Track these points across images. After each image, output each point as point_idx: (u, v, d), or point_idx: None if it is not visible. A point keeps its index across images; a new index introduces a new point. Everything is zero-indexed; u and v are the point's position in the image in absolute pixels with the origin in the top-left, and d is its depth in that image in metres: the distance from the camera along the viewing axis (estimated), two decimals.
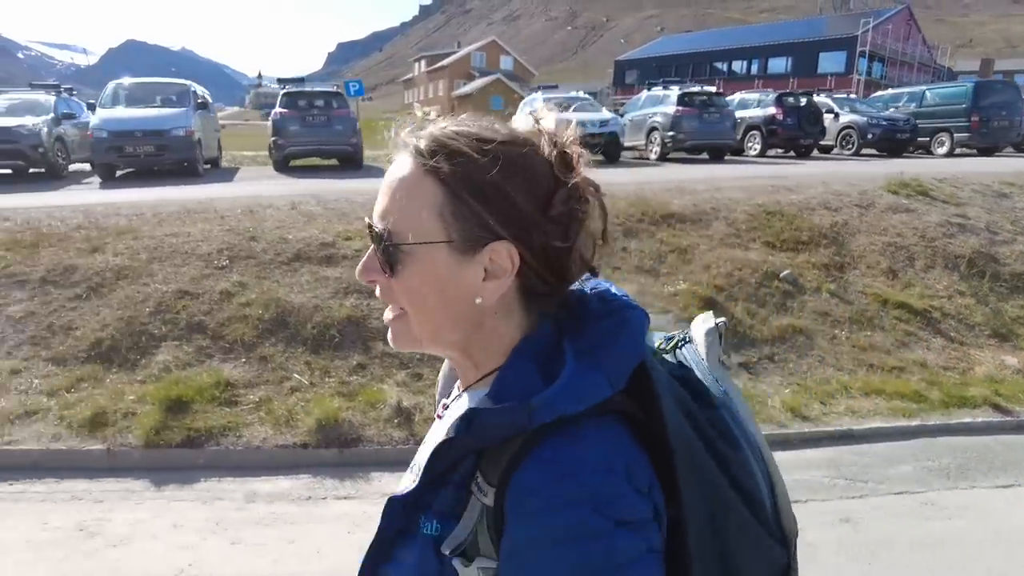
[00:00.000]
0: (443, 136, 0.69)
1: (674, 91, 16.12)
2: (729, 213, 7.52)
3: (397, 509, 0.73)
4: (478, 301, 0.69)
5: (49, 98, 13.47)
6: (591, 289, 0.74)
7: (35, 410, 3.93)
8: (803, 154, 17.24)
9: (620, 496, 0.61)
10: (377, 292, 0.73)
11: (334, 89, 14.36)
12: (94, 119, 11.93)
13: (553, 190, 0.68)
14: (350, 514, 3.38)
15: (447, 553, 0.66)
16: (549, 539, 0.60)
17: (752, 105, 17.49)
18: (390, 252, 0.68)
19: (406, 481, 0.77)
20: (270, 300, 4.91)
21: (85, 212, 6.38)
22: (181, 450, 3.76)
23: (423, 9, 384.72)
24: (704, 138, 15.50)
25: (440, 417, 0.81)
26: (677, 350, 0.80)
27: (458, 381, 0.81)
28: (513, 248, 0.67)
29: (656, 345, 0.80)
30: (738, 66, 52.51)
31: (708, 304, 5.75)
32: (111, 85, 13.34)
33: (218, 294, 4.96)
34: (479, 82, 51.06)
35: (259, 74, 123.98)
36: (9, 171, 12.15)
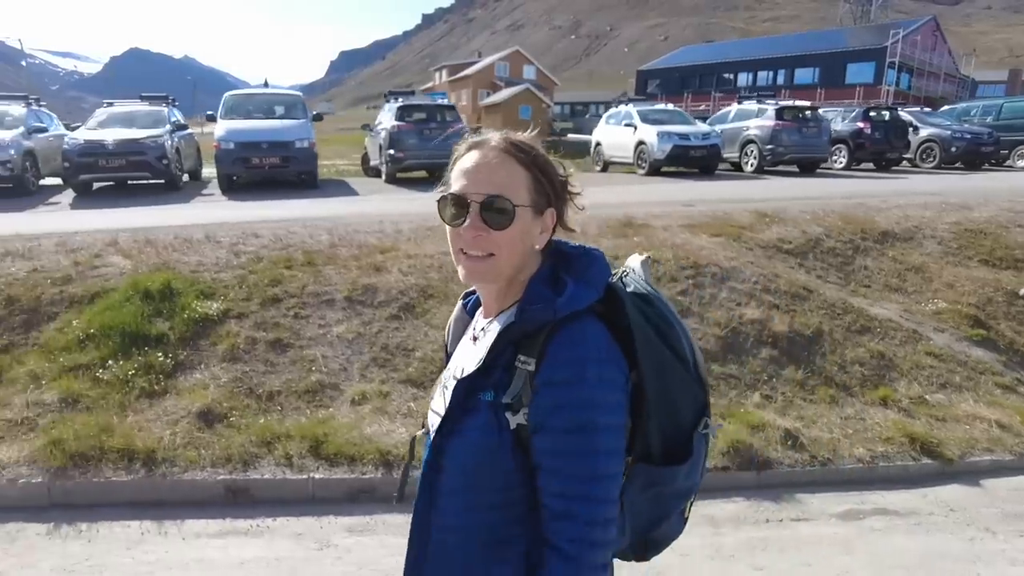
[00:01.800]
0: (517, 140, 1.10)
1: (770, 105, 16.20)
2: (931, 231, 7.53)
3: (460, 390, 1.08)
4: (536, 247, 1.11)
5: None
6: (562, 241, 1.16)
7: None
8: (885, 167, 17.34)
9: (609, 361, 1.02)
10: (466, 245, 1.07)
11: (447, 102, 14.37)
12: (218, 130, 11.92)
13: (564, 180, 1.13)
14: None
15: (506, 402, 1.03)
16: (560, 381, 0.99)
17: (837, 119, 17.54)
18: (506, 213, 1.04)
19: (437, 398, 1.20)
20: None
21: (328, 230, 6.37)
22: None
23: (425, 18, 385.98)
24: (802, 152, 15.57)
25: (475, 338, 1.19)
26: (623, 278, 1.18)
27: (477, 315, 1.23)
28: (554, 211, 1.11)
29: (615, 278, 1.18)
30: (764, 77, 52.55)
31: (976, 323, 5.77)
32: (228, 96, 13.32)
33: None
34: (507, 92, 51.20)
35: (265, 82, 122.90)
36: None
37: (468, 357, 1.16)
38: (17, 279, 4.97)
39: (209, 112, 12.80)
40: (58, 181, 13.28)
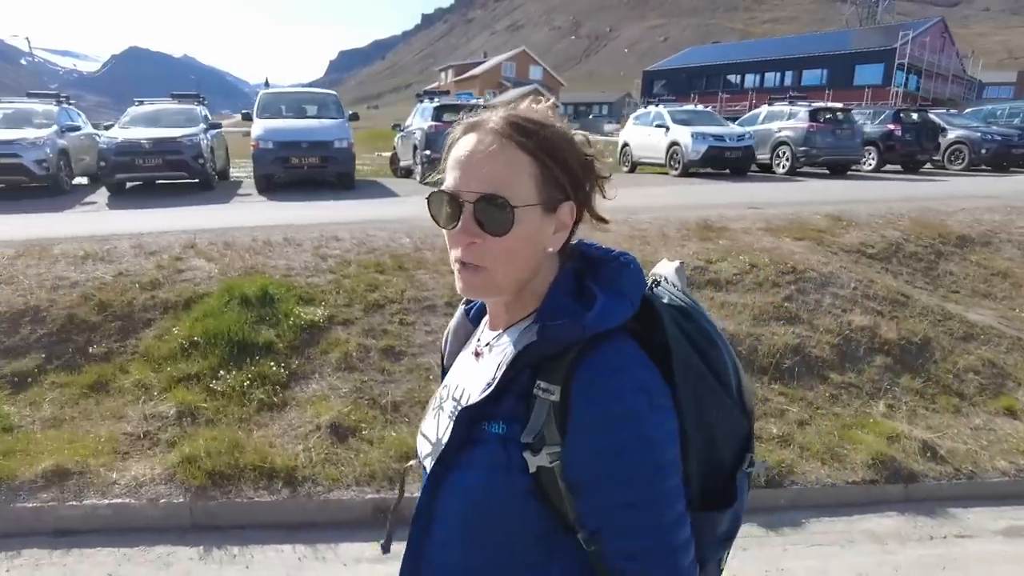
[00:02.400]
0: (522, 119, 0.86)
1: (803, 107, 16.09)
2: (1007, 235, 7.40)
3: (463, 419, 0.88)
4: (550, 250, 0.89)
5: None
6: (585, 243, 0.96)
7: None
8: (912, 169, 17.23)
9: (657, 387, 0.84)
10: (459, 253, 0.87)
11: (482, 102, 14.19)
12: (256, 129, 11.73)
13: (585, 161, 0.90)
14: None
15: (526, 442, 0.82)
16: (607, 419, 0.80)
17: (866, 121, 17.42)
18: (503, 215, 0.83)
19: (429, 420, 1.00)
20: None
21: (407, 232, 6.20)
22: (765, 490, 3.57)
23: (425, 18, 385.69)
24: (835, 153, 15.46)
25: (479, 353, 0.98)
26: (654, 288, 1.00)
27: (482, 326, 1.02)
28: (573, 205, 0.89)
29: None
30: (771, 78, 52.48)
31: None
32: (264, 95, 13.14)
33: None
34: (515, 92, 50.92)
35: (266, 81, 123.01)
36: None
37: (470, 376, 0.97)
38: (105, 283, 4.78)
39: (245, 111, 12.59)
40: (84, 180, 13.14)
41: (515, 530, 0.85)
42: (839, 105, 17.14)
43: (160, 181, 12.06)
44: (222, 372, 3.95)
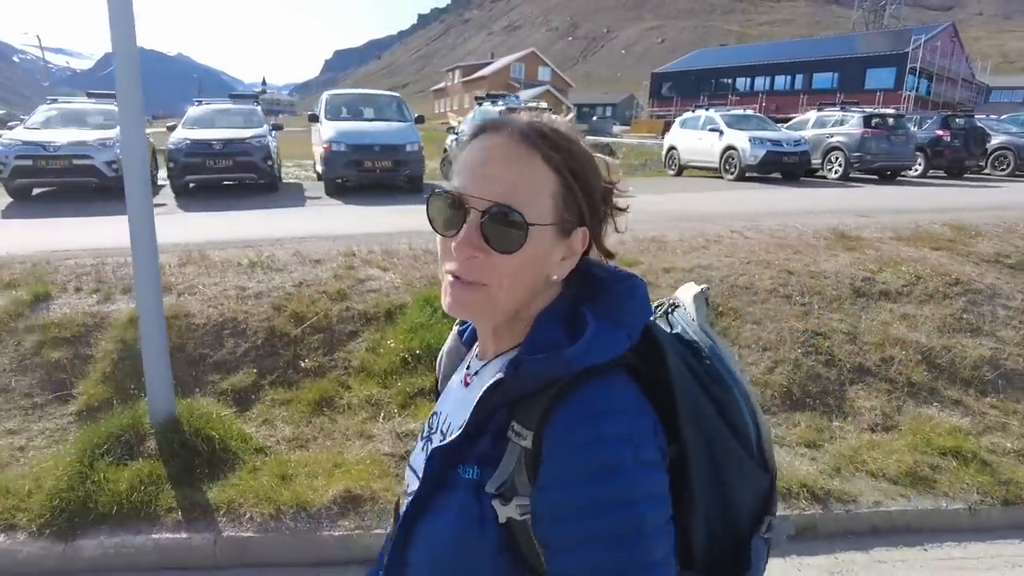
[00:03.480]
0: (549, 129, 0.78)
1: (857, 112, 16.14)
2: None
3: (437, 460, 0.80)
4: (554, 278, 0.80)
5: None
6: (591, 263, 0.84)
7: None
8: (957, 175, 17.29)
9: (646, 437, 0.72)
10: (454, 266, 0.77)
11: (548, 106, 14.11)
12: (328, 131, 11.60)
13: (606, 189, 0.82)
14: None
15: (492, 491, 0.74)
16: (583, 472, 0.69)
17: (912, 126, 17.47)
18: (515, 232, 0.74)
19: (417, 452, 0.91)
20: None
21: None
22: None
23: (421, 18, 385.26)
24: (889, 159, 15.51)
25: (468, 383, 0.89)
26: (668, 315, 0.91)
27: (471, 353, 0.93)
28: (587, 233, 0.81)
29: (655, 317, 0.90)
30: (781, 81, 52.68)
31: None
32: (330, 96, 12.98)
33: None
34: (527, 93, 50.96)
35: (263, 80, 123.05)
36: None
37: (456, 407, 0.87)
38: (289, 294, 4.68)
39: (311, 112, 12.46)
40: None
41: None
42: (892, 111, 17.16)
43: (226, 183, 11.95)
44: None
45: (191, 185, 11.75)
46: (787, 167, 14.99)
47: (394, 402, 3.79)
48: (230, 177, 11.52)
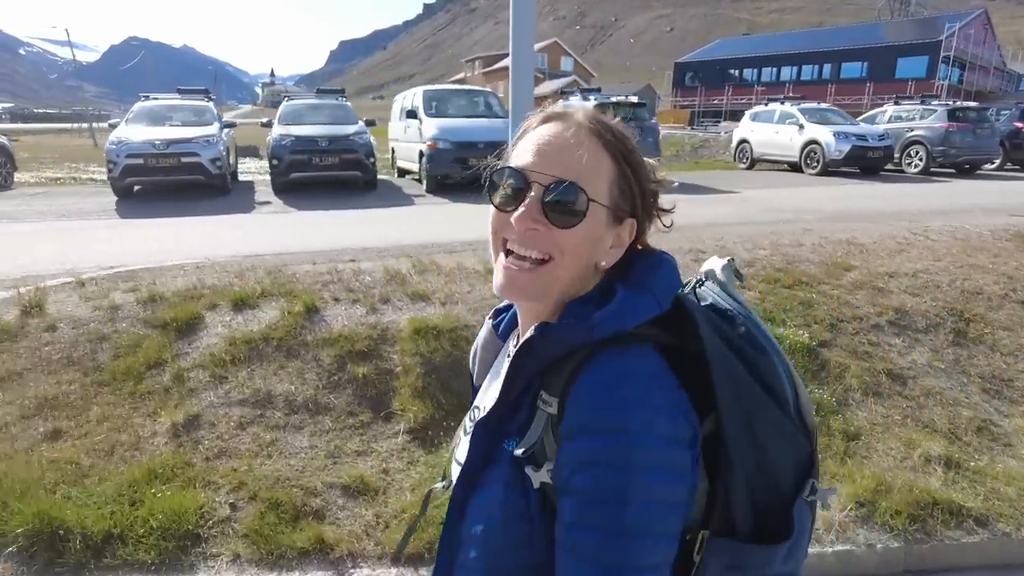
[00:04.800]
0: (608, 121, 0.83)
1: (940, 106, 15.94)
2: None
3: (478, 436, 0.83)
4: (602, 264, 0.83)
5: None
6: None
7: None
8: None
9: (666, 413, 0.72)
10: (515, 241, 0.81)
11: (637, 100, 13.96)
12: (431, 128, 11.47)
13: (655, 189, 0.86)
14: None
15: (520, 455, 0.76)
16: (592, 429, 0.71)
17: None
18: (576, 206, 0.78)
19: (461, 444, 0.93)
20: None
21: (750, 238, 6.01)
22: None
23: (427, 8, 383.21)
24: (975, 153, 15.34)
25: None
26: (697, 289, 0.91)
27: (508, 346, 0.97)
28: (635, 225, 0.84)
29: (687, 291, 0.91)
30: (808, 70, 52.23)
31: None
32: (427, 91, 12.82)
33: None
34: (554, 83, 50.63)
35: (271, 71, 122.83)
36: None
37: (493, 395, 0.89)
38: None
39: (411, 109, 12.32)
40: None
41: (534, 553, 0.77)
42: (975, 104, 16.93)
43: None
44: None
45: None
46: (871, 162, 14.83)
47: None
48: (333, 175, 11.41)
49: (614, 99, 13.70)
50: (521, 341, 0.81)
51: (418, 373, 3.76)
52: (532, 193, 0.79)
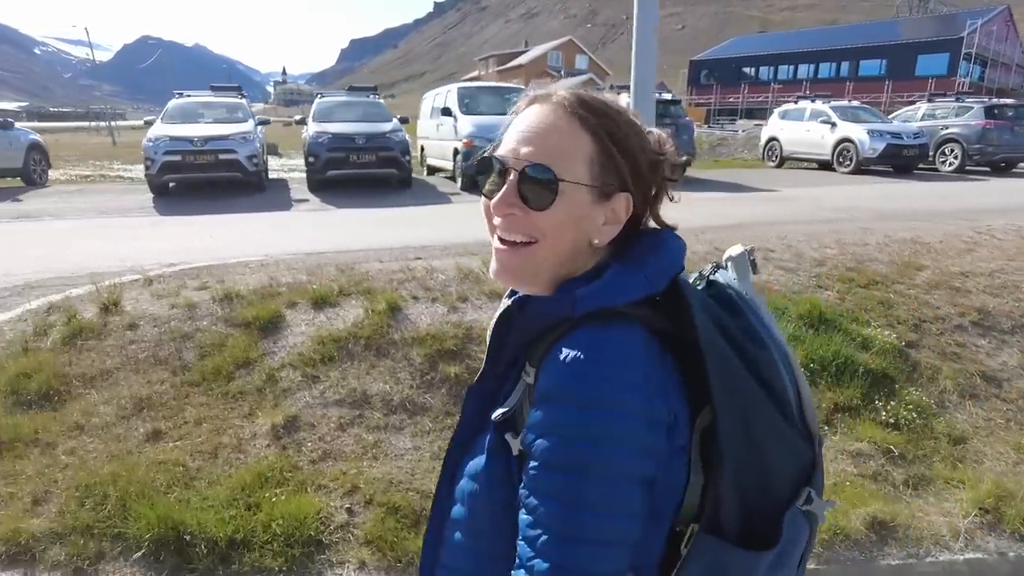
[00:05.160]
0: (590, 98, 0.81)
1: (976, 103, 15.72)
2: None
3: (471, 400, 0.88)
4: (596, 242, 0.81)
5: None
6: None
7: None
8: None
9: (629, 385, 0.70)
10: (499, 227, 0.81)
11: (673, 96, 13.83)
12: (466, 126, 11.39)
13: (656, 159, 0.83)
14: None
15: (495, 418, 0.79)
16: (562, 394, 0.71)
17: None
18: (547, 188, 0.77)
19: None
20: None
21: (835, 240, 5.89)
22: None
23: (437, 6, 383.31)
24: (1013, 151, 15.12)
25: None
26: (711, 276, 0.88)
27: None
28: (631, 199, 0.82)
29: (692, 279, 0.88)
30: (826, 68, 51.80)
31: None
32: (454, 89, 12.75)
33: None
34: (570, 81, 50.45)
35: (283, 70, 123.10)
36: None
37: None
38: None
39: (445, 106, 12.24)
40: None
41: (511, 522, 0.76)
42: (1012, 102, 16.68)
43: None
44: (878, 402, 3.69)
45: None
46: (905, 160, 14.65)
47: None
48: (369, 173, 11.35)
49: (665, 96, 13.53)
50: (498, 312, 0.83)
51: None
52: (509, 178, 0.80)
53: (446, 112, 12.09)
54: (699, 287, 0.88)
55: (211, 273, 4.91)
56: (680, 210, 0.90)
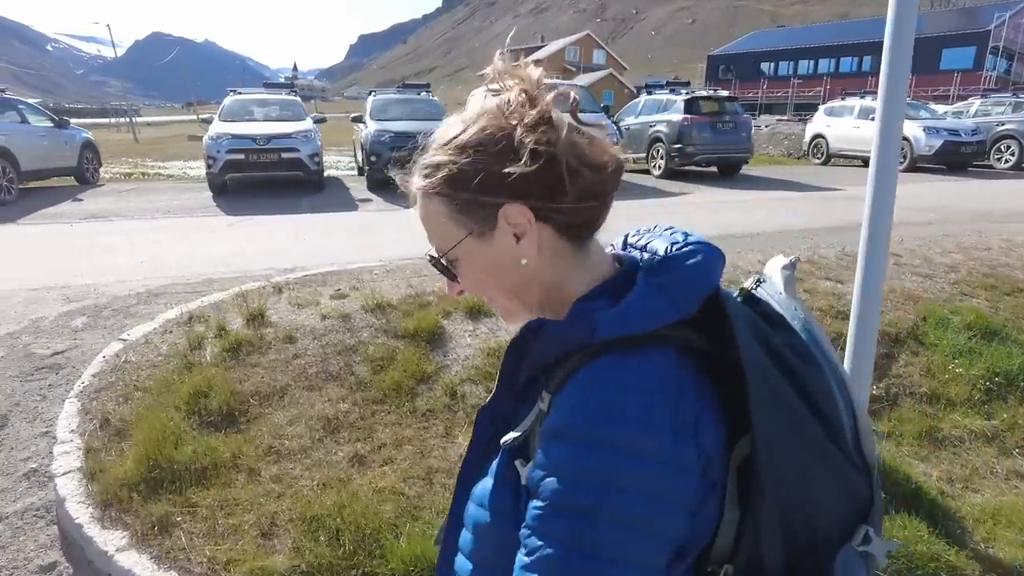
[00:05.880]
0: (424, 163, 0.76)
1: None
2: None
3: (483, 421, 0.83)
4: (523, 262, 0.74)
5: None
6: (669, 235, 0.76)
7: None
8: None
9: (653, 425, 0.63)
10: (465, 294, 0.83)
11: (729, 94, 13.61)
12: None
13: (536, 150, 0.70)
14: None
15: (504, 443, 0.73)
16: (567, 435, 0.65)
17: None
18: (445, 267, 0.79)
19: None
20: None
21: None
22: None
23: (446, 1, 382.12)
24: None
25: None
26: (754, 290, 0.82)
27: None
28: (517, 205, 0.72)
29: (735, 293, 0.81)
30: (847, 63, 51.28)
31: None
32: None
33: None
34: (589, 77, 50.12)
35: (294, 66, 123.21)
36: None
37: None
38: None
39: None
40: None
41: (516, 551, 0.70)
42: None
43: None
44: None
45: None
46: (962, 157, 14.40)
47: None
48: None
49: (705, 93, 13.32)
50: (515, 336, 0.80)
51: None
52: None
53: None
54: (739, 301, 0.80)
55: (339, 279, 4.75)
56: (758, 211, 0.74)
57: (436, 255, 0.79)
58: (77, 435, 3.01)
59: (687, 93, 12.90)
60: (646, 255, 0.76)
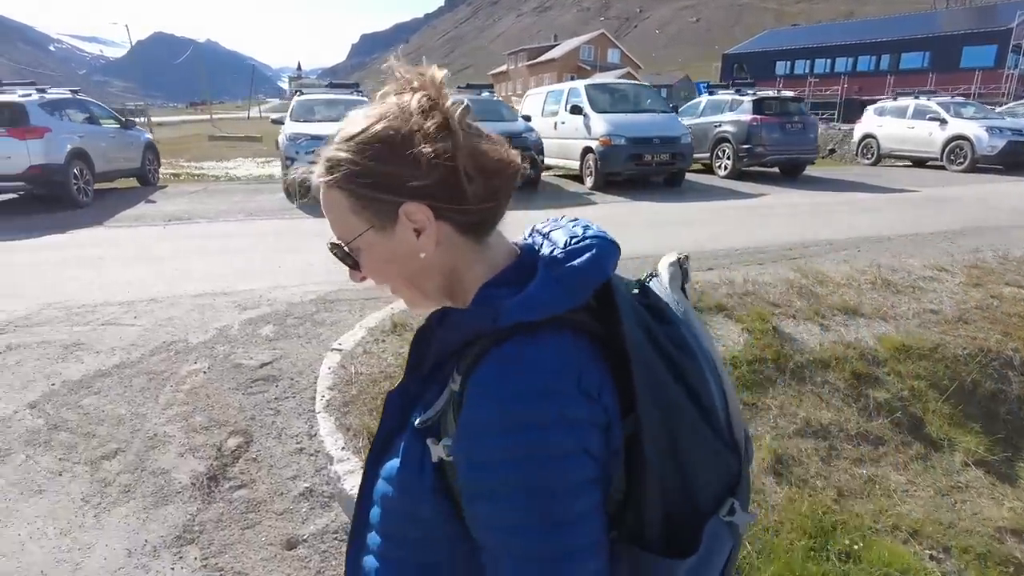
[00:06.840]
0: (326, 156, 0.79)
1: None
2: None
3: (391, 406, 0.88)
4: (422, 255, 0.78)
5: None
6: (571, 227, 0.82)
7: None
8: None
9: (565, 394, 0.69)
10: (371, 283, 0.86)
11: (796, 95, 13.54)
12: (600, 125, 11.14)
13: (432, 158, 0.73)
14: None
15: (417, 426, 0.78)
16: (499, 426, 0.68)
17: None
18: (347, 255, 0.82)
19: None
20: None
21: None
22: None
23: (448, 1, 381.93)
24: None
25: None
26: (648, 282, 0.87)
27: None
28: (421, 204, 0.75)
29: (632, 284, 0.87)
30: (865, 61, 51.17)
31: None
32: (586, 86, 12.42)
33: None
34: (605, 75, 50.10)
35: (299, 66, 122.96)
36: None
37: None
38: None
39: (574, 104, 11.93)
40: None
41: (424, 531, 0.78)
42: None
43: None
44: None
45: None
46: (997, 158, 14.25)
47: None
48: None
49: (772, 93, 13.25)
50: (421, 325, 0.85)
51: (935, 397, 3.46)
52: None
53: (576, 110, 11.78)
54: (633, 292, 0.85)
55: None
56: (851, 215, 0.67)
57: (337, 244, 0.82)
58: (350, 452, 2.95)
59: (753, 93, 12.82)
60: (547, 243, 0.79)
